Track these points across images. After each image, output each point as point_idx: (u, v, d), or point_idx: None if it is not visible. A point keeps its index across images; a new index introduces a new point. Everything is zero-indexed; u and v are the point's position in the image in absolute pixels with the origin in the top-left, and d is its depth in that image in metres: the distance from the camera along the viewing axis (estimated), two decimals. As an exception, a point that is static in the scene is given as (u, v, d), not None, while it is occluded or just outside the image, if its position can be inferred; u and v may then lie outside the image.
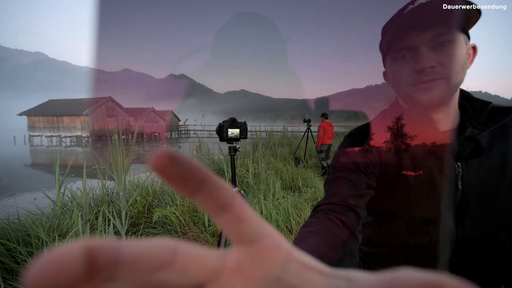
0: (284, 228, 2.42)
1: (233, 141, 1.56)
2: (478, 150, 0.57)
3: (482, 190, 0.59)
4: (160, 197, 3.01)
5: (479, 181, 0.59)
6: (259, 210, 2.66)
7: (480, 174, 0.59)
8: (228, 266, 0.13)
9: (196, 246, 0.13)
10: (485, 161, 0.58)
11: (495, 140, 0.58)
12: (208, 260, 0.13)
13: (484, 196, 0.60)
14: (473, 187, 0.59)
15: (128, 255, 0.11)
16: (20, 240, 1.84)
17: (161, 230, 2.43)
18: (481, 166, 0.59)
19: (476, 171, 0.59)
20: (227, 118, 1.55)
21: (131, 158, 1.87)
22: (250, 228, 0.14)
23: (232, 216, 0.13)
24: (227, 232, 0.14)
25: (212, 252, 0.14)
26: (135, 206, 2.74)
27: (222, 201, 0.13)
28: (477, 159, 0.58)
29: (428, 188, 0.61)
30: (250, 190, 3.83)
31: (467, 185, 0.59)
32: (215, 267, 0.13)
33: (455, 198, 0.60)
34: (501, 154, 0.58)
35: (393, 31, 0.55)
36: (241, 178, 4.22)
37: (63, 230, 2.01)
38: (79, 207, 2.53)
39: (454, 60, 0.52)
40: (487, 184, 0.59)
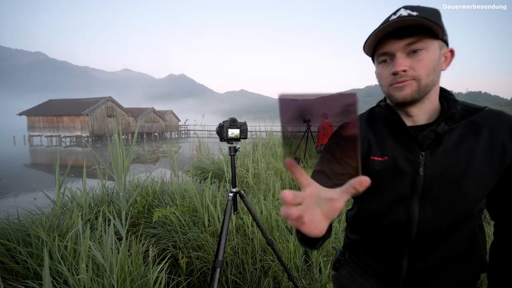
0: (284, 228, 2.42)
1: (233, 141, 1.56)
2: (438, 142, 0.66)
3: (444, 179, 0.66)
4: (160, 197, 3.01)
5: (441, 170, 0.66)
6: (259, 210, 2.66)
7: (443, 165, 0.66)
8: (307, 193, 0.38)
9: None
10: (451, 153, 0.66)
11: (467, 136, 0.65)
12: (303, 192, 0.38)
13: (447, 185, 0.66)
14: (435, 176, 0.67)
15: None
16: (20, 240, 1.84)
17: (161, 230, 2.43)
18: (446, 157, 0.66)
19: (439, 161, 0.66)
20: (227, 118, 1.55)
21: (131, 158, 1.87)
22: (308, 180, 0.39)
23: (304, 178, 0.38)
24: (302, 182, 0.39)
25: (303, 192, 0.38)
26: (135, 206, 2.74)
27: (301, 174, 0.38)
28: (442, 150, 0.66)
29: (393, 173, 0.71)
30: (250, 190, 3.83)
31: (429, 173, 0.67)
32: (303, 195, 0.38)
33: (417, 184, 0.68)
34: (469, 148, 0.65)
35: (376, 38, 0.65)
36: (241, 178, 4.21)
37: (63, 230, 2.01)
38: (79, 207, 2.53)
39: (425, 64, 0.63)
40: (450, 174, 0.65)
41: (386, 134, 0.74)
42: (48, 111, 29.39)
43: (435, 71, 0.64)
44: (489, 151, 0.64)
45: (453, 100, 0.68)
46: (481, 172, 0.64)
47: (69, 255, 1.70)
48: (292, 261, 2.09)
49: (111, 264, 1.51)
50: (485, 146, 0.64)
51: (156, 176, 3.68)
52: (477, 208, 0.67)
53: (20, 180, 9.76)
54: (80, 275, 1.42)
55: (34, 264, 1.68)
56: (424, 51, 0.62)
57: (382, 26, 0.62)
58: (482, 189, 0.65)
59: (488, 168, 0.64)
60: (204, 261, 2.11)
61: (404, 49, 0.63)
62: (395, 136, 0.72)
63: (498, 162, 0.63)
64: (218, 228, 2.33)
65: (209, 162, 5.08)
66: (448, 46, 0.67)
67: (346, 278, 0.89)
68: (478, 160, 0.64)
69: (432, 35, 0.62)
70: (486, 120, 0.66)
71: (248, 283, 1.98)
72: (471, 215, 0.67)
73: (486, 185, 0.65)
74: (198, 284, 2.05)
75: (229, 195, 1.54)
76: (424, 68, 0.63)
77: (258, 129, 7.35)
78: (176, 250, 2.23)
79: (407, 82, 0.64)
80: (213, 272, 1.38)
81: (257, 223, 1.65)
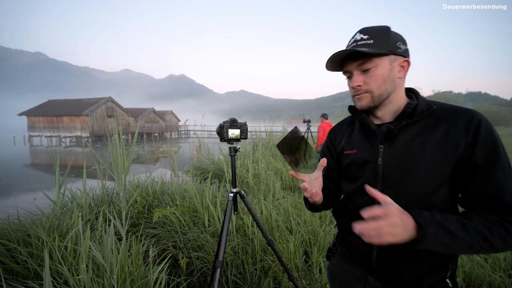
0: (284, 229, 2.42)
1: (234, 141, 1.56)
2: (391, 136, 0.79)
3: (400, 168, 0.77)
4: (160, 197, 3.01)
5: (398, 160, 0.78)
6: (259, 210, 2.66)
7: (400, 155, 0.78)
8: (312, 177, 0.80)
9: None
10: (408, 145, 0.77)
11: (425, 130, 0.76)
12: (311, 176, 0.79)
13: (403, 173, 0.77)
14: (392, 165, 0.79)
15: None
16: (20, 240, 1.84)
17: (161, 230, 2.43)
18: (403, 148, 0.78)
19: (397, 152, 0.78)
20: (227, 119, 1.55)
21: (131, 158, 1.88)
22: (305, 176, 0.78)
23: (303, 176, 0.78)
24: (303, 178, 0.78)
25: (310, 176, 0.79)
26: (135, 207, 2.74)
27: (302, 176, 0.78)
28: (401, 143, 0.78)
29: (360, 163, 0.86)
30: (250, 190, 3.83)
31: (387, 162, 0.80)
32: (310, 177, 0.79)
33: (378, 172, 0.81)
34: (424, 141, 0.75)
35: (336, 61, 0.81)
36: (241, 179, 4.22)
37: (63, 230, 2.01)
38: (79, 208, 2.53)
39: (375, 79, 0.78)
40: (406, 163, 0.77)
41: (357, 132, 0.91)
42: (48, 111, 29.39)
43: (386, 83, 0.78)
44: (443, 143, 0.73)
45: (420, 99, 0.80)
46: (433, 162, 0.73)
47: (69, 255, 1.70)
48: (292, 262, 2.09)
49: (111, 264, 1.51)
50: (440, 139, 0.74)
51: (156, 176, 3.68)
52: (436, 195, 0.74)
53: (20, 180, 9.76)
54: (80, 275, 1.43)
55: (35, 264, 1.68)
56: (374, 68, 0.77)
57: (335, 54, 0.78)
58: (434, 177, 0.74)
59: (440, 158, 0.73)
60: (204, 262, 2.11)
61: (358, 68, 0.79)
62: (362, 133, 0.88)
63: (450, 153, 0.72)
64: (218, 229, 2.33)
65: (209, 162, 5.08)
66: (406, 55, 0.79)
67: (336, 267, 1.00)
68: (431, 151, 0.74)
69: (377, 55, 0.75)
70: (447, 116, 0.75)
71: (248, 283, 1.98)
72: (428, 201, 0.75)
73: (437, 174, 0.73)
74: (198, 284, 2.05)
75: (229, 195, 1.54)
76: (375, 82, 0.78)
77: (258, 129, 7.35)
78: (176, 250, 2.23)
79: (362, 95, 0.81)
80: (213, 272, 1.38)
81: (257, 223, 1.65)
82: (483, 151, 0.70)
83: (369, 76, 0.78)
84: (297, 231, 2.47)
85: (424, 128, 0.76)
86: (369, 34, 0.77)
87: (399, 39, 0.78)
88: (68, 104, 30.42)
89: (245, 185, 4.08)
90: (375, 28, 0.78)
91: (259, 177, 4.23)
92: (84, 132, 27.29)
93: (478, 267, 1.97)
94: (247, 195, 3.57)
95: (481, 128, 0.71)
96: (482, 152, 0.70)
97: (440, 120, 0.75)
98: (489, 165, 0.69)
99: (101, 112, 28.75)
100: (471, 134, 0.71)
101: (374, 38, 0.76)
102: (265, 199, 3.06)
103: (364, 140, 0.86)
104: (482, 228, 0.66)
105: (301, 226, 2.55)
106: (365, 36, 0.77)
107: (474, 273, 1.93)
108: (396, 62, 0.78)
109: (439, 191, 0.74)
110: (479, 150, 0.70)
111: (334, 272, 1.01)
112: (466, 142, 0.71)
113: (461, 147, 0.71)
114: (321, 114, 6.88)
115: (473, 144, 0.70)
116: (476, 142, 0.70)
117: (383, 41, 0.76)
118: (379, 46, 0.75)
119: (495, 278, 1.87)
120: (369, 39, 0.76)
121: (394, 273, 0.82)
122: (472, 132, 0.71)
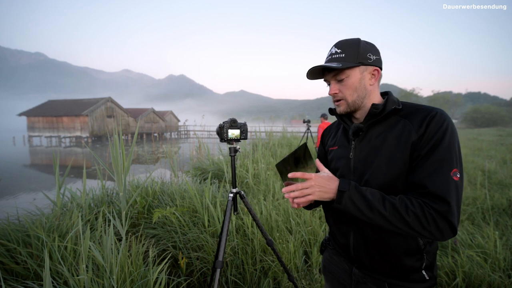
0: (284, 229, 2.42)
1: (233, 141, 1.56)
2: (357, 133, 0.91)
3: (366, 161, 0.89)
4: (160, 197, 3.01)
5: (364, 154, 0.90)
6: (259, 210, 2.66)
7: (366, 150, 0.90)
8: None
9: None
10: (372, 141, 0.89)
11: (388, 128, 0.87)
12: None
13: (367, 165, 0.88)
14: (360, 158, 0.91)
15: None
16: (20, 240, 1.84)
17: (161, 231, 2.43)
18: (368, 144, 0.90)
19: (364, 147, 0.91)
20: (227, 119, 1.56)
21: (131, 159, 1.87)
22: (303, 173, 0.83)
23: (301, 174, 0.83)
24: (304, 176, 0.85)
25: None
26: (135, 207, 2.74)
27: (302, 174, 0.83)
28: (367, 139, 0.90)
29: (339, 158, 0.98)
30: (250, 190, 3.83)
31: (356, 156, 0.92)
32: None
33: (350, 165, 0.94)
34: (386, 136, 0.86)
35: (315, 72, 0.93)
36: (241, 179, 4.22)
37: (63, 230, 2.01)
38: (79, 208, 2.52)
39: (347, 88, 0.89)
40: (370, 156, 0.88)
41: (340, 131, 1.04)
42: (47, 112, 29.35)
43: (357, 90, 0.89)
44: (400, 136, 0.83)
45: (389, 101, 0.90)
46: (391, 153, 0.84)
47: (69, 255, 1.70)
48: (292, 262, 2.09)
49: (111, 264, 1.51)
50: (398, 133, 0.84)
51: (156, 176, 3.67)
52: (397, 182, 0.83)
53: (19, 180, 9.75)
54: (80, 275, 1.43)
55: (34, 264, 1.68)
56: (346, 78, 0.88)
57: (314, 67, 0.90)
58: (392, 166, 0.83)
59: (397, 149, 0.83)
60: (204, 262, 2.11)
61: (334, 78, 0.91)
62: (343, 132, 1.02)
63: (403, 146, 0.82)
64: (218, 229, 2.33)
65: (209, 163, 5.08)
66: (377, 64, 0.89)
67: (327, 259, 1.11)
68: (389, 144, 0.85)
69: (353, 67, 0.87)
70: (407, 114, 0.86)
71: (248, 283, 1.98)
72: (392, 187, 0.83)
73: (395, 163, 0.82)
74: (198, 284, 2.05)
75: (229, 196, 1.54)
76: (347, 90, 0.89)
77: (258, 129, 7.35)
78: (176, 250, 2.23)
79: (339, 102, 0.93)
80: (213, 272, 1.38)
81: (257, 223, 1.65)
82: (428, 142, 0.78)
83: (343, 85, 0.90)
84: (297, 231, 2.47)
85: (389, 126, 0.87)
86: (342, 48, 0.88)
87: (369, 50, 0.88)
88: (68, 104, 30.39)
89: (245, 185, 4.08)
90: (348, 41, 0.89)
91: (259, 177, 4.23)
92: (84, 132, 27.26)
93: (477, 267, 1.97)
94: (247, 195, 3.57)
95: (433, 122, 0.79)
96: (427, 143, 0.78)
97: (402, 118, 0.86)
98: (427, 155, 0.77)
99: (101, 112, 28.72)
100: (423, 127, 0.80)
101: (345, 52, 0.87)
102: (265, 199, 3.06)
103: (343, 138, 1.00)
104: (399, 206, 0.75)
105: (301, 226, 2.55)
106: (338, 50, 0.88)
107: (474, 273, 1.93)
108: (366, 71, 0.89)
109: (399, 178, 0.82)
110: (425, 141, 0.78)
111: (326, 265, 1.11)
112: (418, 135, 0.80)
113: (413, 137, 0.80)
114: (321, 115, 6.89)
115: (422, 136, 0.79)
116: (424, 134, 0.79)
117: (352, 54, 0.86)
118: (349, 59, 0.86)
119: (494, 278, 1.87)
120: (341, 52, 0.87)
121: (370, 261, 0.91)
122: (424, 125, 0.80)
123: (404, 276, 0.87)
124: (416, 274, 0.86)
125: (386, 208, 0.76)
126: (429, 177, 0.75)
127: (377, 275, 0.90)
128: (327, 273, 1.10)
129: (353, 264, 0.97)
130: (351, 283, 0.97)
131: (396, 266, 0.87)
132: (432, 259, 0.88)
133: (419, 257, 0.86)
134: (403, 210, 0.74)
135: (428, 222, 0.73)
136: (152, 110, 35.29)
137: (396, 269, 0.87)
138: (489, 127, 43.28)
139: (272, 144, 7.05)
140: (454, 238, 2.40)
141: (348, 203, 0.78)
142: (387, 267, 0.88)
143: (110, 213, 2.11)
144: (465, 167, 6.21)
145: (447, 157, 0.76)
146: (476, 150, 10.38)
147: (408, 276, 0.86)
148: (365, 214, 0.78)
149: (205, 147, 5.74)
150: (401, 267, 0.86)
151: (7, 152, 20.22)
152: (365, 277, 0.93)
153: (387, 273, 0.89)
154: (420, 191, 0.77)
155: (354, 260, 0.95)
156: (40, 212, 2.40)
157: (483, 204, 3.49)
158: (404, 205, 0.75)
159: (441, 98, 71.11)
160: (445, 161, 0.76)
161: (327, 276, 1.10)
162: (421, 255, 0.86)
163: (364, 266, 0.93)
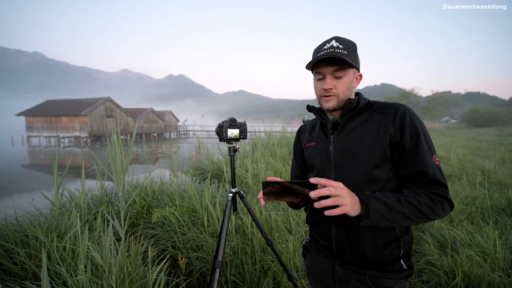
0: (283, 229, 2.42)
1: (233, 141, 1.56)
2: (335, 127, 0.96)
3: (345, 153, 0.93)
4: (159, 197, 3.00)
5: (343, 147, 0.94)
6: (259, 210, 2.65)
7: (344, 143, 0.94)
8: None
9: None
10: (351, 134, 0.94)
11: (364, 122, 0.94)
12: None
13: (347, 157, 0.93)
14: (339, 151, 0.95)
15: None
16: (18, 241, 1.83)
17: (160, 231, 2.43)
18: (347, 137, 0.95)
19: (342, 141, 0.95)
20: (226, 118, 1.55)
21: (130, 159, 1.87)
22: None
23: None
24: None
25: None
26: (134, 207, 2.73)
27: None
28: (345, 133, 0.95)
29: (318, 153, 1.01)
30: (249, 190, 3.83)
31: (335, 149, 0.96)
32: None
33: (330, 159, 0.97)
34: (364, 129, 0.92)
35: (314, 60, 0.90)
36: (241, 179, 4.21)
37: (61, 231, 2.00)
38: (78, 208, 2.52)
39: (343, 86, 0.92)
40: (349, 149, 0.93)
41: (318, 127, 1.07)
42: (46, 112, 29.29)
43: (348, 90, 0.94)
44: (377, 129, 0.90)
45: (361, 98, 0.97)
46: (370, 145, 0.89)
47: (67, 256, 1.69)
48: (291, 262, 2.09)
49: (110, 265, 1.50)
50: (375, 126, 0.91)
51: (155, 176, 3.67)
52: (377, 172, 0.88)
53: (18, 180, 9.72)
54: (78, 276, 1.42)
55: (32, 265, 1.67)
56: (344, 76, 0.91)
57: (320, 54, 0.88)
58: (372, 157, 0.88)
59: (375, 141, 0.89)
60: (204, 262, 2.11)
61: (332, 73, 0.91)
62: (321, 128, 1.05)
63: (382, 135, 0.88)
64: (218, 229, 2.33)
65: (209, 163, 5.07)
66: (359, 70, 0.96)
67: (309, 261, 1.12)
68: (367, 136, 0.91)
69: (349, 66, 0.90)
70: (381, 109, 0.93)
71: (247, 283, 1.97)
72: (371, 177, 0.88)
73: (375, 154, 0.88)
74: (198, 284, 2.04)
75: (228, 196, 1.54)
76: (343, 88, 0.92)
77: (257, 129, 7.34)
78: (175, 250, 2.23)
79: (331, 97, 0.93)
80: (213, 272, 1.38)
81: (257, 223, 1.64)
82: (409, 135, 0.86)
83: (339, 82, 0.92)
84: (296, 231, 2.46)
85: (364, 120, 0.94)
86: (344, 45, 0.90)
87: (358, 56, 0.95)
88: (67, 104, 30.33)
89: (244, 185, 4.07)
90: (348, 41, 0.92)
91: (259, 177, 4.23)
92: (83, 132, 27.21)
93: (477, 267, 1.97)
94: (246, 195, 3.57)
95: (406, 118, 0.88)
96: (408, 136, 0.86)
97: (375, 113, 0.94)
98: (415, 146, 0.85)
99: (100, 112, 28.67)
100: (398, 122, 0.88)
101: (347, 50, 0.89)
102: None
103: (321, 133, 1.04)
104: (413, 200, 0.80)
105: (300, 226, 2.55)
106: (340, 46, 0.89)
107: (473, 272, 1.93)
108: (355, 74, 0.95)
109: (379, 168, 0.88)
110: (407, 134, 0.86)
111: (309, 268, 1.12)
112: (395, 128, 0.87)
113: (391, 130, 0.88)
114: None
115: (401, 130, 0.87)
116: (403, 128, 0.87)
117: (353, 54, 0.90)
118: (351, 59, 0.89)
119: (494, 277, 1.87)
120: (344, 49, 0.88)
121: (351, 253, 0.93)
122: (398, 120, 0.88)
123: (383, 267, 0.90)
124: (395, 264, 0.90)
125: (404, 206, 0.79)
126: (425, 166, 0.83)
127: (358, 268, 0.93)
128: (311, 276, 1.11)
129: (335, 261, 0.99)
130: (335, 283, 1.00)
131: (377, 256, 0.90)
132: (409, 248, 0.93)
133: (396, 245, 0.90)
134: (416, 203, 0.79)
135: (438, 207, 0.80)
136: (152, 110, 35.26)
137: (376, 259, 0.90)
138: (488, 127, 43.33)
139: (272, 144, 7.04)
140: (454, 238, 2.40)
141: (375, 215, 0.76)
142: (368, 258, 0.91)
143: (109, 213, 2.11)
144: (465, 167, 6.23)
145: (429, 146, 0.86)
146: (475, 150, 10.40)
147: (387, 266, 0.90)
148: (389, 219, 0.78)
149: (204, 147, 5.74)
150: (380, 257, 0.90)
151: (5, 152, 20.17)
152: (347, 274, 0.95)
153: (367, 266, 0.91)
154: (421, 180, 0.84)
155: (336, 255, 0.97)
156: (38, 212, 2.39)
157: (483, 204, 3.49)
158: (415, 198, 0.80)
159: (440, 98, 71.23)
160: (429, 150, 0.85)
161: (311, 279, 1.11)
162: (398, 242, 0.90)
163: (345, 260, 0.95)
